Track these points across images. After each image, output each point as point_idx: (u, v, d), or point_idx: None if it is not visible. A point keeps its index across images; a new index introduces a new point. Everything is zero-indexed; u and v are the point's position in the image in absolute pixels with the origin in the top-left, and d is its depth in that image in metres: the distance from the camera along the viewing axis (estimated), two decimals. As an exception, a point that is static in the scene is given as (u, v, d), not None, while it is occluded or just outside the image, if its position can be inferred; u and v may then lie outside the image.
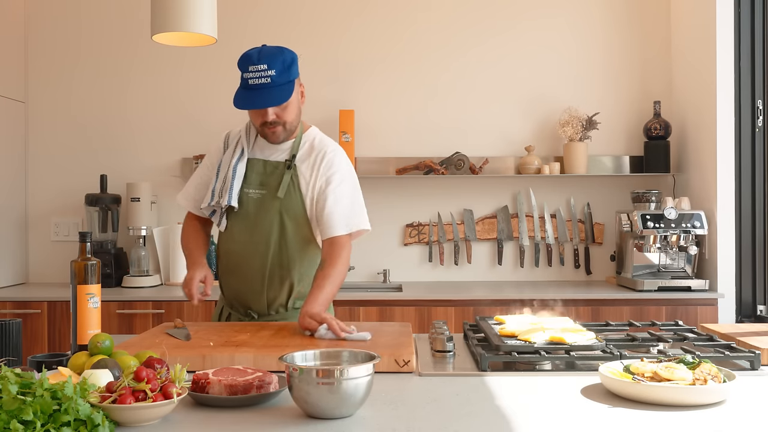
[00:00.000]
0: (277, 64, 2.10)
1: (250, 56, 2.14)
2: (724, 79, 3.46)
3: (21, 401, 1.13)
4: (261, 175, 2.21)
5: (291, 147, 2.23)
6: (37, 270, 4.03)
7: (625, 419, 1.30)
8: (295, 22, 4.01)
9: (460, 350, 1.88)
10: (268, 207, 2.19)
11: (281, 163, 2.21)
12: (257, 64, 2.10)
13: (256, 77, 2.10)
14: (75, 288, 1.77)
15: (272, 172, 2.21)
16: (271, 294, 2.23)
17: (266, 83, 2.09)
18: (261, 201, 2.19)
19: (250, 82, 2.11)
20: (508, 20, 4.00)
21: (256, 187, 2.21)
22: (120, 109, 4.05)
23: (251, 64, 2.11)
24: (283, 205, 2.18)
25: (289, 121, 2.17)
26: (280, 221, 2.18)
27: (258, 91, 2.10)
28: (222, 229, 2.24)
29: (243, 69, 2.13)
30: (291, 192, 2.18)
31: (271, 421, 1.29)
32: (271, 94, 2.11)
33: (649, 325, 2.11)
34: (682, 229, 3.44)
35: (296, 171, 2.20)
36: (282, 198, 2.17)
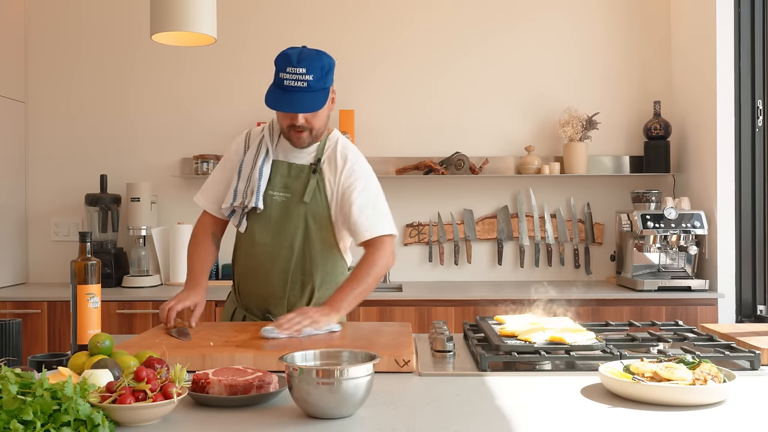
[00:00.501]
0: (316, 70, 2.06)
1: (290, 56, 2.07)
2: (724, 79, 3.46)
3: (21, 401, 1.13)
4: (285, 177, 2.19)
5: (316, 150, 2.20)
6: (37, 270, 4.04)
7: (625, 419, 1.30)
8: (295, 22, 4.01)
9: (460, 350, 1.88)
10: (293, 211, 2.16)
11: (306, 167, 2.18)
12: (296, 66, 2.05)
13: (293, 79, 2.05)
14: (75, 288, 1.77)
15: (297, 175, 2.18)
16: (293, 299, 2.21)
17: (302, 87, 2.05)
18: (286, 204, 2.17)
19: (285, 83, 2.06)
20: (508, 20, 4.00)
21: (280, 190, 2.18)
22: (120, 109, 4.05)
23: (290, 65, 2.05)
24: (309, 209, 2.16)
25: (317, 127, 2.14)
26: (305, 226, 2.16)
27: (293, 94, 2.06)
28: (242, 230, 2.21)
29: (280, 68, 2.07)
30: (317, 196, 2.16)
31: (271, 421, 1.29)
32: (306, 100, 2.07)
33: (649, 325, 2.11)
34: (682, 229, 3.44)
35: (321, 175, 2.18)
36: (308, 203, 2.15)
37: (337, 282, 2.22)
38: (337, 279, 2.24)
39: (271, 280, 2.19)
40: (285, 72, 2.05)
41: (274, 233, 2.17)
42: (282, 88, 2.06)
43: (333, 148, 2.21)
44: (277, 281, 2.19)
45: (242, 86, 4.02)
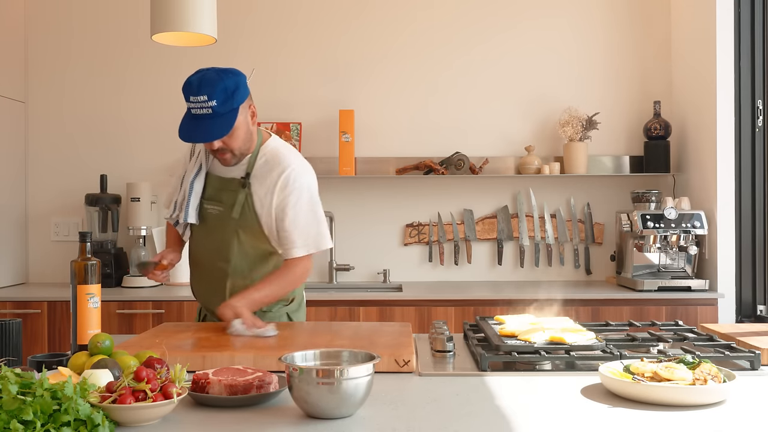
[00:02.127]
0: (218, 94, 2.02)
1: (191, 84, 2.04)
2: (724, 79, 3.46)
3: (21, 401, 1.13)
4: (217, 191, 2.22)
5: (247, 163, 2.20)
6: (37, 270, 4.03)
7: (625, 419, 1.30)
8: (294, 21, 4.01)
9: (460, 350, 1.88)
10: (225, 223, 2.20)
11: (236, 180, 2.19)
12: (197, 95, 2.02)
13: (197, 107, 2.03)
14: (75, 288, 1.77)
15: (226, 188, 2.21)
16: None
17: (208, 114, 2.03)
18: (219, 217, 2.21)
19: (192, 111, 2.05)
20: (507, 20, 4.00)
21: (213, 203, 2.22)
22: (120, 109, 4.05)
23: (191, 93, 2.03)
24: (239, 223, 2.19)
25: (237, 147, 2.13)
26: (237, 237, 2.20)
27: (200, 122, 2.04)
28: (185, 239, 2.32)
29: (185, 97, 2.05)
30: (246, 211, 2.18)
31: (271, 421, 1.29)
32: (212, 127, 2.04)
33: (649, 325, 2.11)
34: (682, 229, 3.44)
35: (250, 189, 2.18)
36: (237, 218, 2.18)
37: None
38: None
39: (213, 284, 2.25)
40: (189, 101, 2.04)
41: (211, 243, 2.24)
42: (190, 117, 2.06)
43: (266, 159, 2.20)
44: (219, 286, 2.23)
45: (242, 86, 4.01)
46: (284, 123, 3.93)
